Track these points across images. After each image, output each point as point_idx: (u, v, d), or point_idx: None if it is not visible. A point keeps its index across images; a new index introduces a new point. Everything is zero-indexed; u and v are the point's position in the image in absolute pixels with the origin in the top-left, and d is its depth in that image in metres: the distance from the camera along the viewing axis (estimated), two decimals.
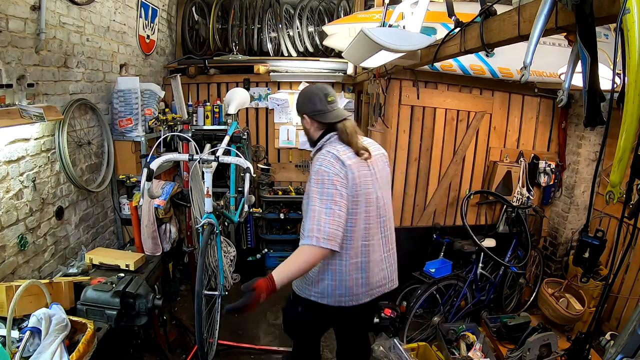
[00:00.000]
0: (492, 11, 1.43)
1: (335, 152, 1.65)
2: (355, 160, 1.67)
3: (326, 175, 1.60)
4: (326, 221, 1.54)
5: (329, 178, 1.59)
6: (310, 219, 1.56)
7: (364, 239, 1.72)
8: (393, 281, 1.94)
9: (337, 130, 1.72)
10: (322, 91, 1.74)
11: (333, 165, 1.62)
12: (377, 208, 1.74)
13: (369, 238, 1.73)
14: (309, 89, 1.81)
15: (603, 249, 1.06)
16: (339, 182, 1.60)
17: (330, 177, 1.60)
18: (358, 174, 1.65)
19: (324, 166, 1.62)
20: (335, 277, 1.72)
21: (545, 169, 3.28)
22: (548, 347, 2.37)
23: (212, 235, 2.29)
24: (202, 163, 2.22)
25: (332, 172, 1.60)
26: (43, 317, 1.51)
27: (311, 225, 1.55)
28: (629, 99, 0.84)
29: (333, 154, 1.64)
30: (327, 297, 1.75)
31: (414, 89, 2.94)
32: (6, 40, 1.88)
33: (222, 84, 4.11)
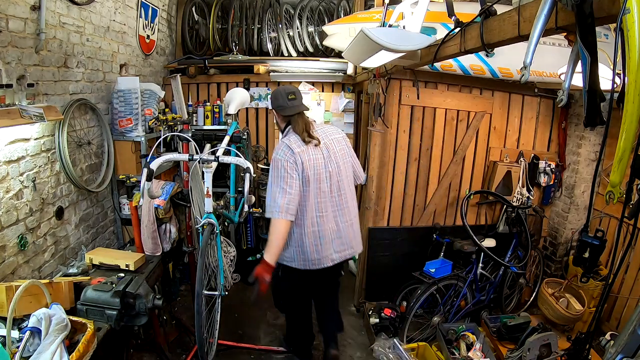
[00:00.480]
0: (492, 11, 1.43)
1: (287, 143, 2.07)
2: (305, 147, 2.07)
3: (279, 162, 2.04)
4: (280, 198, 1.99)
5: (281, 164, 2.03)
6: (268, 198, 2.04)
7: (317, 211, 2.12)
8: (353, 248, 2.28)
9: (292, 122, 2.13)
10: (286, 90, 2.16)
11: (285, 153, 2.05)
12: (329, 185, 2.13)
13: (322, 211, 2.13)
14: (277, 89, 2.21)
15: (603, 249, 1.06)
16: (289, 166, 2.02)
17: (282, 164, 2.03)
18: (307, 158, 2.06)
19: (278, 154, 2.05)
20: (297, 244, 2.14)
21: (545, 169, 3.28)
22: (548, 347, 2.37)
23: (212, 235, 2.29)
24: (202, 163, 2.22)
25: (283, 159, 2.03)
26: (43, 317, 1.51)
27: (270, 203, 2.02)
28: (629, 99, 0.84)
29: (285, 144, 2.07)
30: (294, 261, 2.17)
31: (414, 89, 2.95)
32: (6, 40, 1.88)
33: (222, 84, 4.11)
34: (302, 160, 2.04)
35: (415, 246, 3.28)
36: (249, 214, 3.63)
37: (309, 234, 2.11)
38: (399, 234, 3.31)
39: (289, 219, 2.00)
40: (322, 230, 2.13)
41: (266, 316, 3.34)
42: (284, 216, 1.98)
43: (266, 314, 3.37)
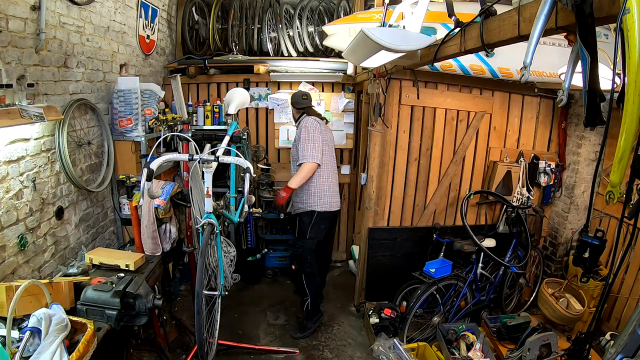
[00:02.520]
0: (492, 11, 1.43)
1: (314, 119, 3.05)
2: (322, 122, 3.11)
3: (312, 127, 2.96)
4: (313, 148, 2.90)
5: (312, 128, 2.95)
6: (303, 150, 2.91)
7: (327, 167, 3.06)
8: (339, 202, 3.20)
9: (305, 111, 3.14)
10: (300, 93, 3.16)
11: (315, 122, 3.02)
12: (332, 152, 3.17)
13: (329, 168, 3.09)
14: (295, 92, 3.22)
15: (603, 249, 1.06)
16: (318, 130, 2.97)
17: (314, 128, 2.96)
18: (324, 129, 3.09)
19: (310, 123, 2.98)
20: (323, 191, 3.04)
21: (545, 169, 3.28)
22: (548, 347, 2.37)
23: (212, 235, 2.29)
24: (202, 163, 2.22)
25: (314, 126, 2.97)
26: (43, 317, 1.51)
27: (305, 152, 2.90)
28: (629, 99, 0.84)
29: (313, 119, 3.04)
30: (325, 205, 3.04)
31: (414, 89, 2.95)
32: (6, 40, 1.88)
33: (222, 84, 4.11)
34: (321, 129, 3.00)
35: (415, 246, 3.28)
36: (249, 214, 3.63)
37: (329, 182, 3.05)
38: (399, 234, 3.31)
39: (317, 162, 2.90)
40: (333, 182, 3.11)
41: (266, 316, 3.34)
42: (315, 160, 2.89)
43: (266, 314, 3.37)
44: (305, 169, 2.88)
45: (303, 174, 2.88)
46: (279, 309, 3.46)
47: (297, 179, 2.88)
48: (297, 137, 3.01)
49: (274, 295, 3.66)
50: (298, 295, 3.49)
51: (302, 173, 2.88)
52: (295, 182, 2.88)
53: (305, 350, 2.93)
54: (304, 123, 3.00)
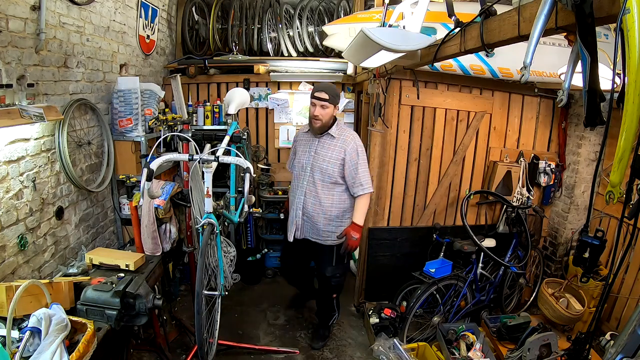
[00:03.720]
0: (492, 11, 1.43)
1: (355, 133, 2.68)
2: None
3: (362, 147, 2.63)
4: (369, 174, 2.65)
5: (363, 149, 2.63)
6: (363, 176, 2.58)
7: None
8: None
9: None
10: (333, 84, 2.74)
11: (361, 142, 2.65)
12: None
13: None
14: (325, 83, 2.71)
15: (603, 249, 1.06)
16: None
17: (364, 151, 2.65)
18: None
19: (359, 142, 2.62)
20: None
21: (545, 169, 3.28)
22: (548, 347, 2.37)
23: (212, 235, 2.29)
24: (202, 163, 2.22)
25: (363, 147, 2.65)
26: (43, 317, 1.51)
27: (364, 180, 2.58)
28: (629, 99, 0.84)
29: (356, 134, 2.67)
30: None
31: (414, 89, 2.95)
32: (6, 40, 1.88)
33: (222, 84, 4.11)
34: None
35: (415, 246, 3.28)
36: (249, 214, 3.63)
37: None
38: (399, 234, 3.31)
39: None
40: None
41: (266, 316, 3.34)
42: (372, 188, 2.67)
43: (266, 314, 3.37)
44: (367, 201, 2.64)
45: (366, 207, 2.64)
46: (279, 309, 3.45)
47: (362, 214, 2.62)
48: (348, 159, 2.56)
49: (274, 295, 3.66)
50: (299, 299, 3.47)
51: (365, 206, 2.63)
52: (362, 218, 2.62)
53: (305, 350, 2.92)
54: (352, 139, 2.60)
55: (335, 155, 2.57)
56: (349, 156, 2.55)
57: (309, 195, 2.65)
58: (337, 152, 2.56)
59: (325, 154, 2.59)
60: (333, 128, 2.61)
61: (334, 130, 2.61)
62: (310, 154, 2.64)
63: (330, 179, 2.59)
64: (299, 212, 2.69)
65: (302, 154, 2.70)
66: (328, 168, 2.58)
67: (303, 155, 2.69)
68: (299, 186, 2.69)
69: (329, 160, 2.58)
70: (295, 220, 2.72)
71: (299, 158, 2.72)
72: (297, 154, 2.75)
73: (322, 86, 2.57)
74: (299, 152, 2.75)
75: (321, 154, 2.60)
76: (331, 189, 2.62)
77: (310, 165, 2.63)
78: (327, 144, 2.61)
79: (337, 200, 2.64)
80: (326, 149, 2.60)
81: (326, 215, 2.64)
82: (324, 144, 2.61)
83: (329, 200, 2.62)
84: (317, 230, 2.69)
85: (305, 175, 2.66)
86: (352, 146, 2.56)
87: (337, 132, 2.61)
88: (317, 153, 2.62)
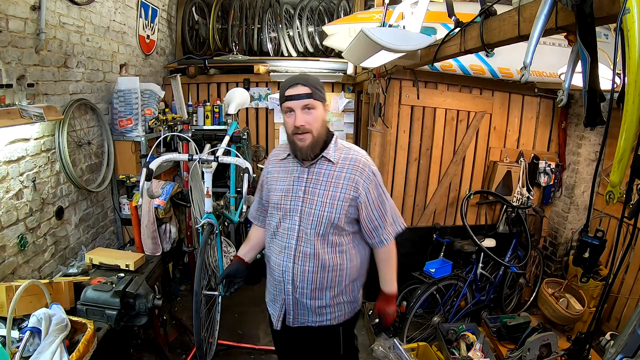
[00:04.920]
0: (492, 11, 1.43)
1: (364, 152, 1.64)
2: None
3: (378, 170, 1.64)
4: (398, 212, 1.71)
5: (379, 173, 1.64)
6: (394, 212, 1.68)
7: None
8: None
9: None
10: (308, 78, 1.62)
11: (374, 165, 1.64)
12: None
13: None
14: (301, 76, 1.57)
15: (603, 249, 1.05)
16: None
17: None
18: None
19: (372, 163, 1.62)
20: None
21: (545, 169, 3.28)
22: (548, 347, 2.37)
23: (212, 235, 2.29)
24: (202, 163, 2.22)
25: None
26: (43, 317, 1.51)
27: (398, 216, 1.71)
28: (629, 99, 0.84)
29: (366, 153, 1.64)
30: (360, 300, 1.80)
31: (414, 89, 2.94)
32: (6, 40, 1.88)
33: (222, 84, 4.11)
34: None
35: (415, 246, 3.28)
36: None
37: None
38: (399, 233, 3.30)
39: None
40: None
41: (266, 316, 3.34)
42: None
43: (266, 314, 3.37)
44: (395, 254, 1.73)
45: (395, 263, 1.74)
46: None
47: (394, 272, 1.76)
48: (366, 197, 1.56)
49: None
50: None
51: (395, 258, 1.74)
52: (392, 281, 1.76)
53: None
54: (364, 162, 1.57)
55: (341, 193, 1.52)
56: (367, 192, 1.54)
57: (301, 260, 1.56)
58: (343, 188, 1.53)
59: (322, 192, 1.54)
60: (330, 146, 1.57)
61: (332, 150, 1.56)
62: (296, 194, 1.57)
63: (335, 231, 1.55)
64: (287, 287, 1.61)
65: (283, 195, 1.60)
66: (332, 215, 1.52)
67: (285, 196, 1.59)
68: (282, 247, 1.60)
69: (331, 202, 1.52)
70: (281, 297, 1.66)
71: (277, 201, 1.61)
72: (272, 195, 1.64)
73: (297, 78, 1.52)
74: (274, 191, 1.63)
75: (316, 193, 1.54)
76: (338, 245, 1.58)
77: (299, 213, 1.55)
78: (324, 175, 1.55)
79: (349, 257, 1.61)
80: (324, 185, 1.54)
81: (333, 286, 1.60)
82: (319, 176, 1.55)
83: (336, 260, 1.58)
84: (318, 309, 1.63)
85: (291, 230, 1.57)
86: (368, 175, 1.55)
87: (336, 153, 1.57)
88: (309, 192, 1.55)
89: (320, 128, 1.52)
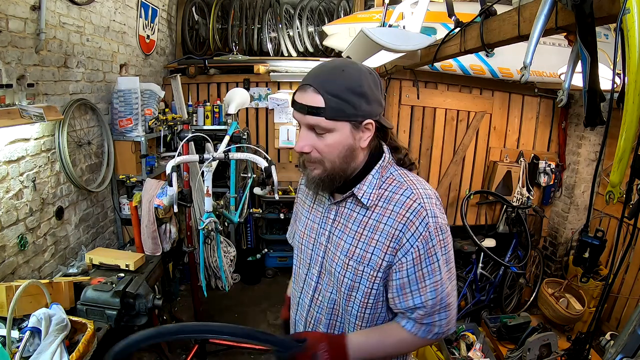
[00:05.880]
0: (492, 11, 1.43)
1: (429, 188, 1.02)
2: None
3: (447, 231, 0.98)
4: (456, 304, 1.04)
5: (450, 236, 1.00)
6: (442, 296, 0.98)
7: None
8: None
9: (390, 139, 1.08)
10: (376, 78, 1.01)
11: (441, 211, 1.01)
12: None
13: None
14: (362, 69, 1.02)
15: (603, 249, 1.05)
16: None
17: (450, 234, 1.00)
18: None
19: (439, 216, 0.97)
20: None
21: (545, 169, 3.28)
22: (548, 347, 2.37)
23: (212, 234, 2.29)
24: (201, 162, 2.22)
25: (447, 224, 1.00)
26: (43, 317, 1.51)
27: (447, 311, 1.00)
28: (629, 99, 0.84)
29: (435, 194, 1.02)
30: None
31: (414, 89, 2.95)
32: (6, 40, 1.88)
33: (222, 84, 4.11)
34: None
35: None
36: (249, 214, 3.63)
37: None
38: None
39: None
40: None
41: (266, 316, 3.34)
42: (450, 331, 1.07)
43: (266, 314, 3.37)
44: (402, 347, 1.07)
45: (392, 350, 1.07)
46: (279, 309, 3.45)
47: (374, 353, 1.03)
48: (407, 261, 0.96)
49: (274, 295, 3.66)
50: None
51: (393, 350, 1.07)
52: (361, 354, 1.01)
53: None
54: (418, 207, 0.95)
55: (373, 254, 0.98)
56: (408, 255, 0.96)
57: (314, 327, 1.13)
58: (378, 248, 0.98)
59: (347, 247, 1.02)
60: (368, 179, 1.01)
61: (368, 185, 1.01)
62: (318, 240, 1.10)
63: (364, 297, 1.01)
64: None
65: (306, 234, 1.15)
66: (354, 284, 1.01)
67: (307, 237, 1.14)
68: (296, 297, 1.20)
69: (355, 266, 1.01)
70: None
71: (299, 240, 1.18)
72: (298, 226, 1.21)
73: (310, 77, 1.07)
74: (300, 222, 1.20)
75: (340, 246, 1.04)
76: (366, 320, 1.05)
77: (319, 267, 1.10)
78: (354, 222, 1.02)
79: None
80: (352, 236, 1.02)
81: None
82: (348, 221, 1.04)
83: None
84: None
85: (307, 285, 1.14)
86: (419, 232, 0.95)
87: (375, 191, 1.01)
88: (333, 241, 1.06)
89: (338, 158, 0.97)
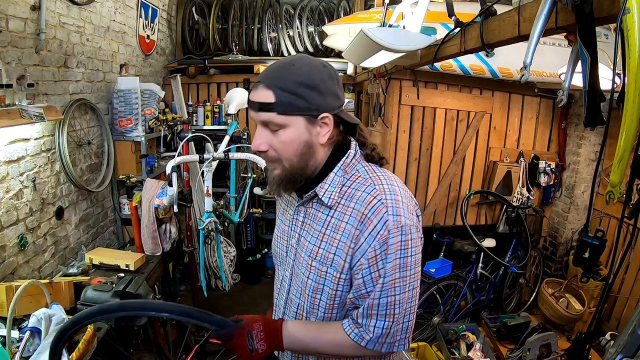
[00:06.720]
0: (492, 11, 1.43)
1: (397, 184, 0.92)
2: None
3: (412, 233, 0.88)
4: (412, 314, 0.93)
5: (414, 240, 0.89)
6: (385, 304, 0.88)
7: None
8: None
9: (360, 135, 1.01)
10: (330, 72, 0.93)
11: (410, 211, 0.90)
12: None
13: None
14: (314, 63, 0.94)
15: (603, 249, 1.05)
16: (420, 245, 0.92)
17: (415, 237, 0.89)
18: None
19: (403, 215, 0.87)
20: None
21: (545, 169, 3.28)
22: (548, 347, 2.37)
23: (212, 233, 2.29)
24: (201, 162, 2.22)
25: (414, 227, 0.89)
26: (43, 317, 1.51)
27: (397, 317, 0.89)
28: (629, 99, 0.84)
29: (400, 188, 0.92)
30: None
31: (414, 89, 2.95)
32: (6, 40, 1.88)
33: (222, 84, 4.11)
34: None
35: None
36: (249, 214, 3.63)
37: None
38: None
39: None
40: None
41: (266, 316, 3.34)
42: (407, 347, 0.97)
43: (266, 313, 3.37)
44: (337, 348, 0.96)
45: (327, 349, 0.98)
46: None
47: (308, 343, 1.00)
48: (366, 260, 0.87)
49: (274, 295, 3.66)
50: None
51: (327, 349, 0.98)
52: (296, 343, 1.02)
53: None
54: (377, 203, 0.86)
55: (335, 255, 0.92)
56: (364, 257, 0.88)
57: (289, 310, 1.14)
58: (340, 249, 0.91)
59: (312, 248, 0.96)
60: (330, 177, 0.94)
61: (330, 184, 0.93)
62: (289, 242, 1.07)
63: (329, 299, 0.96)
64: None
65: (278, 236, 1.16)
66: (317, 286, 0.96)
67: (280, 239, 1.14)
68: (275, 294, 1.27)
69: (318, 267, 0.95)
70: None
71: (274, 242, 1.20)
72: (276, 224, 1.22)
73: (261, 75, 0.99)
74: (276, 224, 1.21)
75: (305, 248, 0.99)
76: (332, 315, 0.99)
77: (291, 269, 1.09)
78: (318, 222, 0.96)
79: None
80: (315, 237, 0.96)
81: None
82: (314, 222, 0.97)
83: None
84: None
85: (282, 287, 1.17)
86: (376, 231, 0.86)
87: (337, 189, 0.93)
88: (302, 243, 1.01)
89: (295, 156, 0.90)
